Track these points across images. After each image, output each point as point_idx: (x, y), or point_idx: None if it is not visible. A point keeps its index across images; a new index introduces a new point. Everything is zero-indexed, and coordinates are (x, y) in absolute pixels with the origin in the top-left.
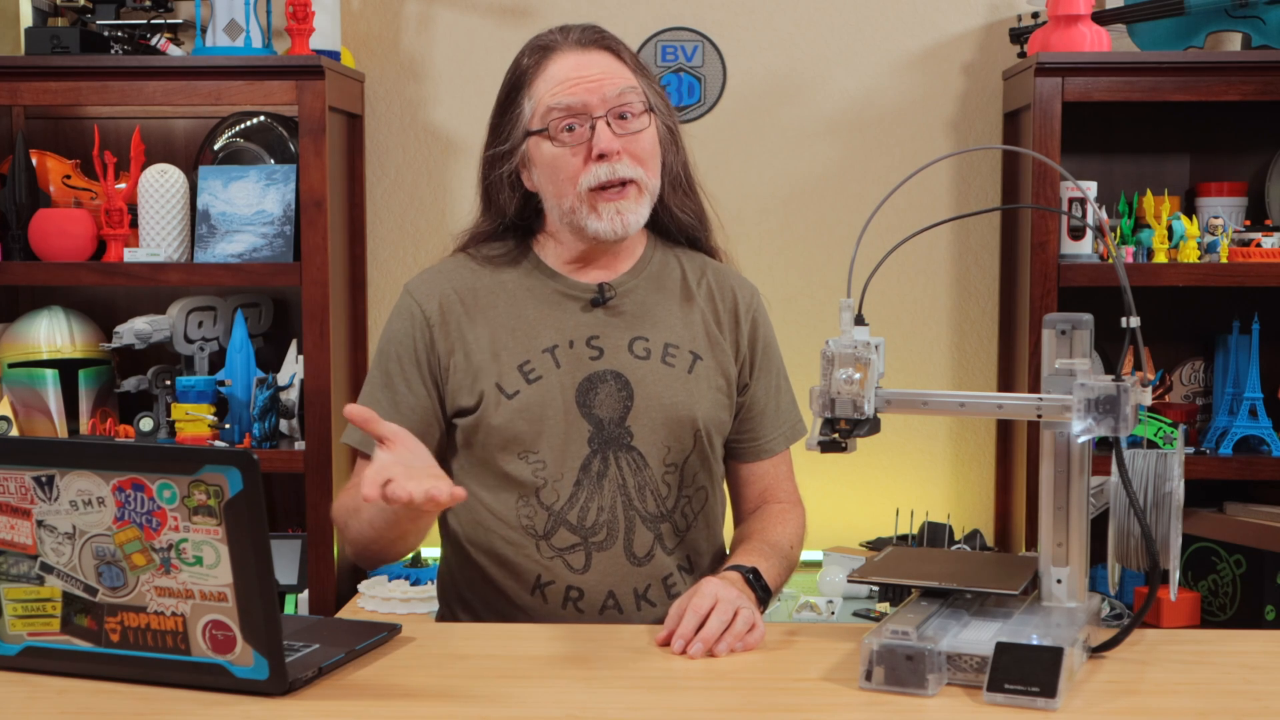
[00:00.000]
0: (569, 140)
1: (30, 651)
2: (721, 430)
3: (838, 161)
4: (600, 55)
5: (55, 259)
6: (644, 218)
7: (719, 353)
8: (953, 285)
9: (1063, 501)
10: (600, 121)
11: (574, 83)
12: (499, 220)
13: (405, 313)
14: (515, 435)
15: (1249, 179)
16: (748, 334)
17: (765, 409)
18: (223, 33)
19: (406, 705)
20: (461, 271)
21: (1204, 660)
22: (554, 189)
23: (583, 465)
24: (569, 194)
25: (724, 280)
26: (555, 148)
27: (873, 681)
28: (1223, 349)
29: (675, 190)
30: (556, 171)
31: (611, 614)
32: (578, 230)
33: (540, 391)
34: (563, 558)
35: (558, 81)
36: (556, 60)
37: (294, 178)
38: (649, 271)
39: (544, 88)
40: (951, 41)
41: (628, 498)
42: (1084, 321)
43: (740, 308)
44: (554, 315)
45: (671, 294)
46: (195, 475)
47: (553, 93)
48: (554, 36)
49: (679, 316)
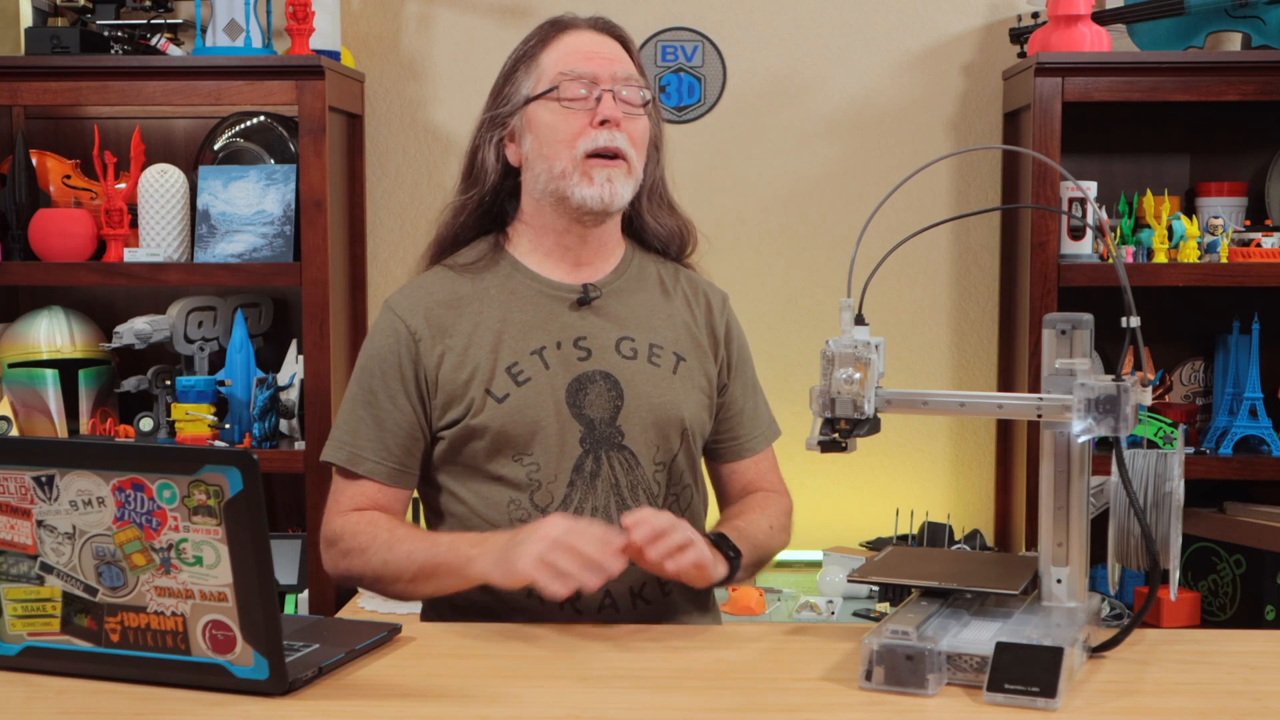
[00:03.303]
0: (575, 103)
1: (30, 651)
2: (703, 431)
3: (838, 161)
4: (612, 42)
5: (55, 259)
6: (629, 196)
7: (700, 354)
8: (953, 285)
9: (1063, 501)
10: (607, 94)
11: (587, 55)
12: (477, 189)
13: (389, 329)
14: (508, 438)
15: (1249, 179)
16: (723, 337)
17: (744, 409)
18: (223, 33)
19: (406, 705)
20: (442, 283)
21: (1204, 660)
22: (548, 151)
23: (575, 466)
24: (563, 157)
25: (697, 285)
26: (560, 108)
27: (873, 681)
28: (1223, 349)
29: (650, 200)
30: (555, 132)
31: (609, 613)
32: (560, 201)
33: (531, 393)
34: None
35: (570, 51)
36: (570, 35)
37: (294, 178)
38: (630, 273)
39: (554, 57)
40: (951, 41)
41: (621, 497)
42: (1084, 321)
43: (715, 311)
44: (540, 317)
45: (653, 296)
46: (195, 475)
47: (566, 60)
48: (569, 18)
49: (661, 318)
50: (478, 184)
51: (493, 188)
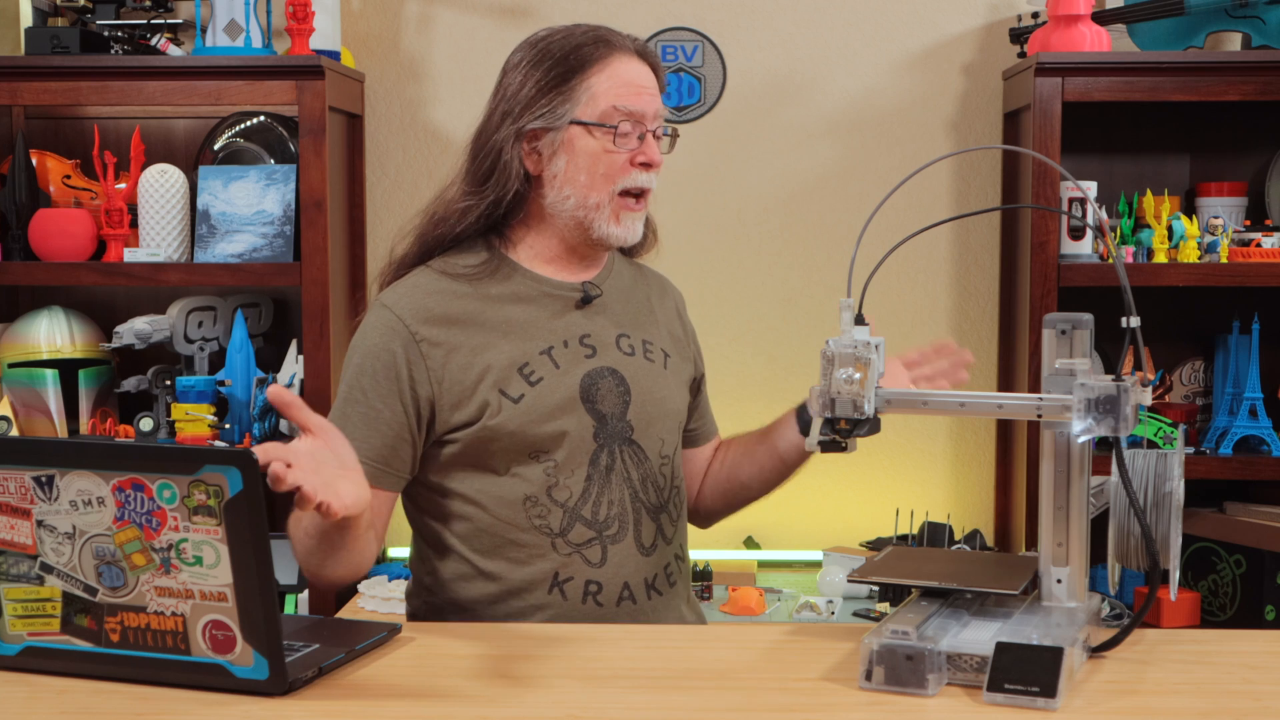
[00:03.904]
0: (623, 143)
1: (30, 651)
2: (684, 426)
3: (838, 161)
4: (650, 72)
5: (55, 259)
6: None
7: (680, 350)
8: (953, 285)
9: (1063, 501)
10: (649, 135)
11: (638, 91)
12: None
13: (384, 327)
14: (526, 438)
15: (1249, 179)
16: (690, 334)
17: (707, 396)
18: (223, 33)
19: (406, 705)
20: (438, 285)
21: (1204, 660)
22: (585, 180)
23: (591, 460)
24: (600, 190)
25: (664, 283)
26: (606, 144)
27: (873, 681)
28: (1223, 349)
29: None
30: (597, 164)
31: (627, 605)
32: (583, 228)
33: (545, 392)
34: (580, 553)
35: (623, 83)
36: (621, 60)
37: (294, 178)
38: (615, 272)
39: (608, 84)
40: (951, 41)
41: (634, 490)
42: (1084, 321)
43: (679, 309)
44: (543, 317)
45: (637, 294)
46: (195, 475)
47: (618, 93)
48: (614, 35)
49: (646, 315)
50: (497, 188)
51: (511, 193)
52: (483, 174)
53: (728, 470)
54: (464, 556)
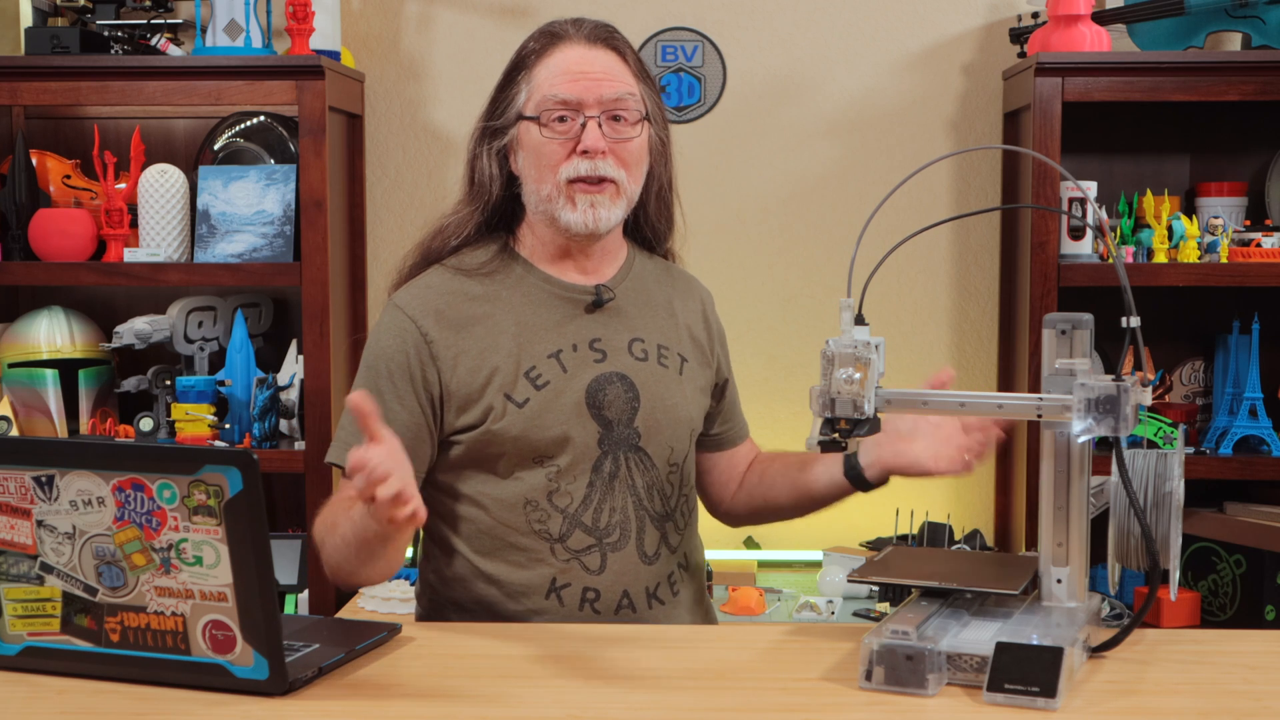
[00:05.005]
0: (558, 131)
1: (30, 651)
2: (698, 433)
3: (838, 161)
4: (606, 54)
5: (55, 259)
6: (618, 218)
7: (699, 355)
8: (953, 285)
9: (1063, 501)
10: (591, 121)
11: (574, 77)
12: (482, 201)
13: (396, 328)
14: (531, 442)
15: (1249, 179)
16: (716, 335)
17: (736, 397)
18: (223, 33)
19: (406, 705)
20: (451, 284)
21: (1204, 660)
22: (535, 174)
23: (594, 466)
24: (548, 181)
25: (689, 284)
26: (543, 135)
27: (873, 681)
28: (1223, 349)
29: (658, 200)
30: (540, 158)
31: (626, 614)
32: (551, 221)
33: (551, 397)
34: (579, 560)
35: (559, 72)
36: (562, 50)
37: (294, 178)
38: (633, 274)
39: (544, 75)
40: (951, 41)
41: (638, 498)
42: (1084, 321)
43: (707, 310)
44: (554, 320)
45: (656, 296)
46: (195, 475)
47: (551, 82)
48: (565, 26)
49: (665, 318)
50: (482, 196)
51: (498, 196)
52: (470, 180)
53: (764, 488)
54: (466, 557)
